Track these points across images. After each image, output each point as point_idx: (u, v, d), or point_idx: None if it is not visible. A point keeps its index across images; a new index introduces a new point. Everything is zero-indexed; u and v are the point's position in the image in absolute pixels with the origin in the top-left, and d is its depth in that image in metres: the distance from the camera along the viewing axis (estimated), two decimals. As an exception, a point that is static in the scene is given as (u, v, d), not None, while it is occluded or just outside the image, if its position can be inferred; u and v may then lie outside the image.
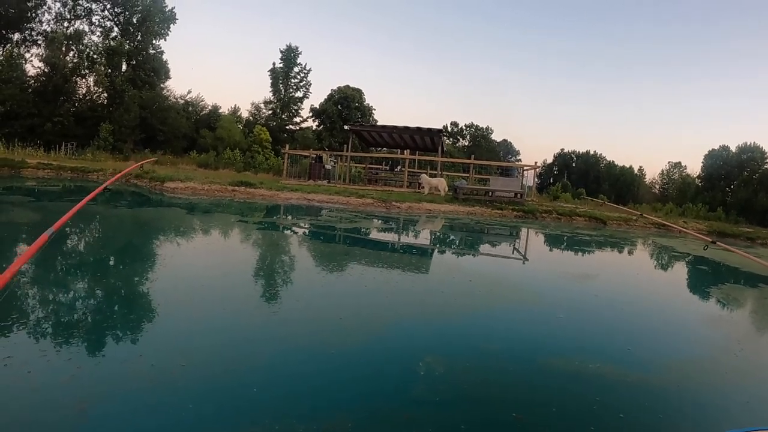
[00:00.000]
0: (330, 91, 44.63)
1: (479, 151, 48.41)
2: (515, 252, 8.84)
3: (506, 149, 63.20)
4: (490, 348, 3.36)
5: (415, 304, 4.41)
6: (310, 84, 43.84)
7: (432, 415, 2.35)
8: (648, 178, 54.03)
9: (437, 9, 78.69)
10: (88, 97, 33.18)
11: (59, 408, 2.13)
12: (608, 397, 2.69)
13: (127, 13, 35.03)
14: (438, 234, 10.43)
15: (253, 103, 44.54)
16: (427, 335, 3.57)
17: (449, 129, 58.44)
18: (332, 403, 2.39)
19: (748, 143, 37.17)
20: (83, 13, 34.51)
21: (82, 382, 2.35)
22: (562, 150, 56.54)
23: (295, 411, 2.24)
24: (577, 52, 73.33)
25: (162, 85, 36.82)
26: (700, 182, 39.62)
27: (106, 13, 35.06)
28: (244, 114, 44.31)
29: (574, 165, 54.58)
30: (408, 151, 22.38)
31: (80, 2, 34.04)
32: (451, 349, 3.24)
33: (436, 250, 8.31)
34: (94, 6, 34.58)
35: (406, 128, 19.01)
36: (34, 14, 33.22)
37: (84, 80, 32.94)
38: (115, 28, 35.36)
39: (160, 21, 35.36)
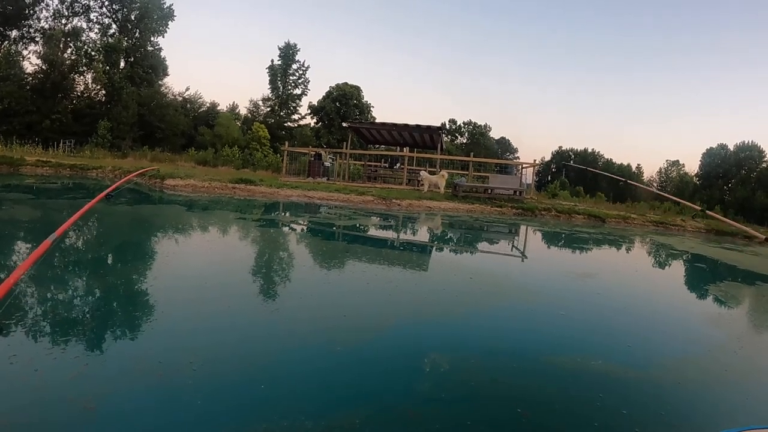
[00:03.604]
0: (328, 88, 44.66)
1: (477, 149, 48.48)
2: (515, 250, 8.86)
3: (504, 147, 63.26)
4: (494, 345, 3.38)
5: (417, 301, 4.42)
6: (309, 81, 43.89)
7: (438, 411, 2.36)
8: (646, 176, 54.26)
9: (436, 5, 78.56)
10: (86, 95, 33.16)
11: (67, 406, 2.14)
12: (610, 394, 2.71)
13: (125, 10, 34.95)
14: (438, 231, 10.45)
15: (251, 100, 44.58)
16: (430, 332, 3.59)
17: (447, 126, 58.45)
18: (339, 399, 2.40)
19: (746, 142, 37.37)
20: (81, 10, 34.47)
21: (89, 379, 2.36)
22: (560, 148, 56.79)
23: (302, 408, 2.25)
24: (575, 49, 73.32)
25: (160, 83, 36.89)
26: (698, 180, 39.82)
27: (104, 10, 35.04)
28: (243, 111, 44.40)
29: (572, 163, 54.66)
30: (407, 148, 22.38)
31: (78, -1, 33.93)
32: (454, 346, 3.25)
33: (437, 248, 8.32)
34: (92, 3, 34.58)
35: (405, 126, 19.01)
36: (31, 11, 33.13)
37: (82, 77, 33.00)
38: (113, 25, 35.32)
39: (158, 18, 35.33)
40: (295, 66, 43.15)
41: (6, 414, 2.06)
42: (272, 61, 42.80)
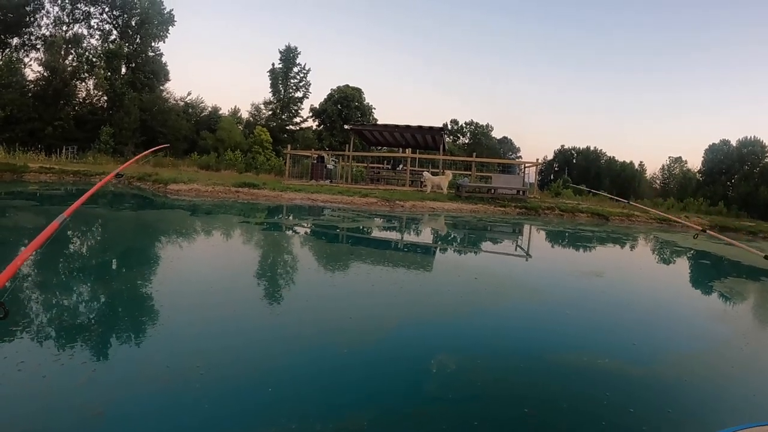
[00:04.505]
0: (330, 91, 44.65)
1: (479, 149, 48.39)
2: (519, 249, 8.86)
3: (507, 146, 63.16)
4: (499, 345, 3.39)
5: (423, 302, 4.43)
6: (310, 84, 43.90)
7: (445, 411, 2.36)
8: (649, 173, 54.10)
9: (437, 5, 78.63)
10: (88, 101, 33.33)
11: (76, 412, 2.14)
12: (617, 392, 2.71)
13: (125, 16, 35.07)
14: (442, 232, 10.45)
15: (253, 104, 44.66)
16: (437, 333, 3.59)
17: (449, 127, 58.38)
18: (346, 401, 2.41)
19: (749, 137, 37.13)
20: (82, 17, 34.59)
21: (97, 385, 2.37)
22: (563, 146, 56.43)
23: (310, 410, 2.26)
24: (576, 47, 73.22)
25: (161, 88, 37.01)
26: (701, 177, 39.61)
27: (104, 16, 35.16)
28: (244, 115, 44.49)
29: (574, 161, 54.47)
30: (409, 149, 22.39)
31: (79, 6, 34.12)
32: (460, 347, 3.26)
33: (441, 249, 8.33)
34: (92, 9, 34.68)
35: (408, 127, 19.00)
36: (32, 18, 33.30)
37: (84, 84, 33.16)
38: (114, 31, 35.44)
39: (158, 23, 35.43)
40: (296, 69, 43.21)
41: (15, 421, 2.07)
42: (273, 64, 42.92)
